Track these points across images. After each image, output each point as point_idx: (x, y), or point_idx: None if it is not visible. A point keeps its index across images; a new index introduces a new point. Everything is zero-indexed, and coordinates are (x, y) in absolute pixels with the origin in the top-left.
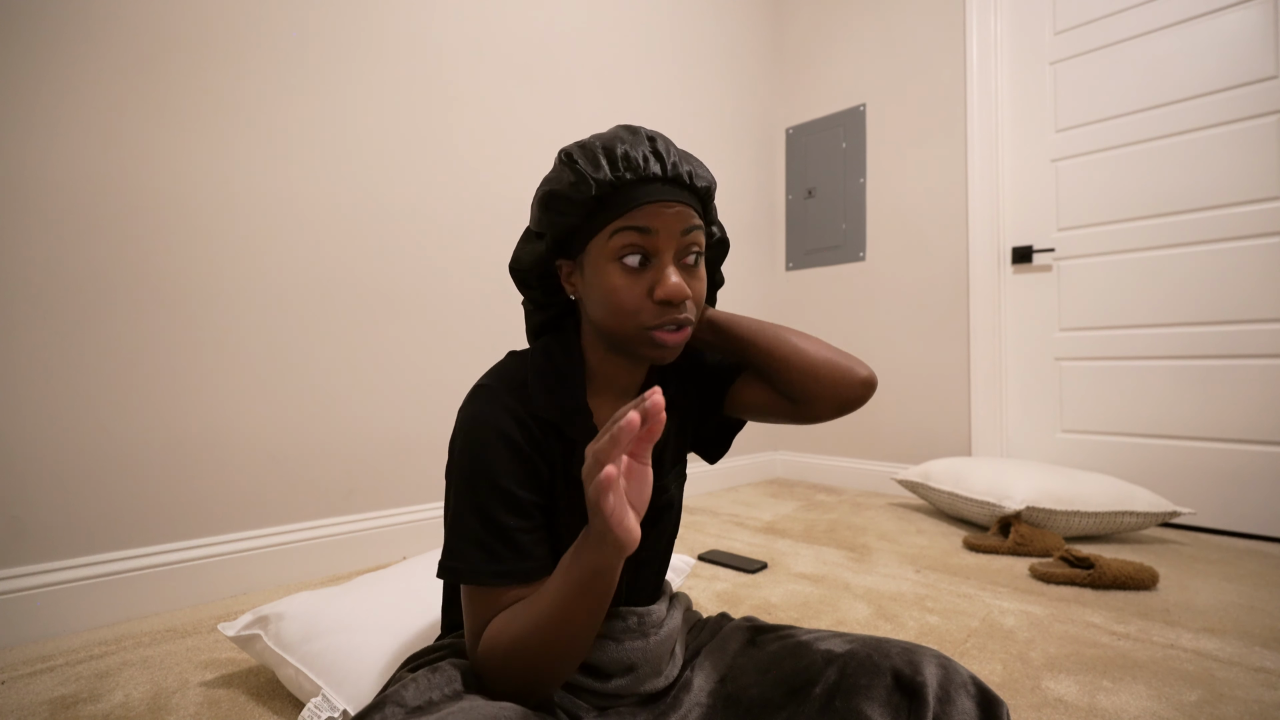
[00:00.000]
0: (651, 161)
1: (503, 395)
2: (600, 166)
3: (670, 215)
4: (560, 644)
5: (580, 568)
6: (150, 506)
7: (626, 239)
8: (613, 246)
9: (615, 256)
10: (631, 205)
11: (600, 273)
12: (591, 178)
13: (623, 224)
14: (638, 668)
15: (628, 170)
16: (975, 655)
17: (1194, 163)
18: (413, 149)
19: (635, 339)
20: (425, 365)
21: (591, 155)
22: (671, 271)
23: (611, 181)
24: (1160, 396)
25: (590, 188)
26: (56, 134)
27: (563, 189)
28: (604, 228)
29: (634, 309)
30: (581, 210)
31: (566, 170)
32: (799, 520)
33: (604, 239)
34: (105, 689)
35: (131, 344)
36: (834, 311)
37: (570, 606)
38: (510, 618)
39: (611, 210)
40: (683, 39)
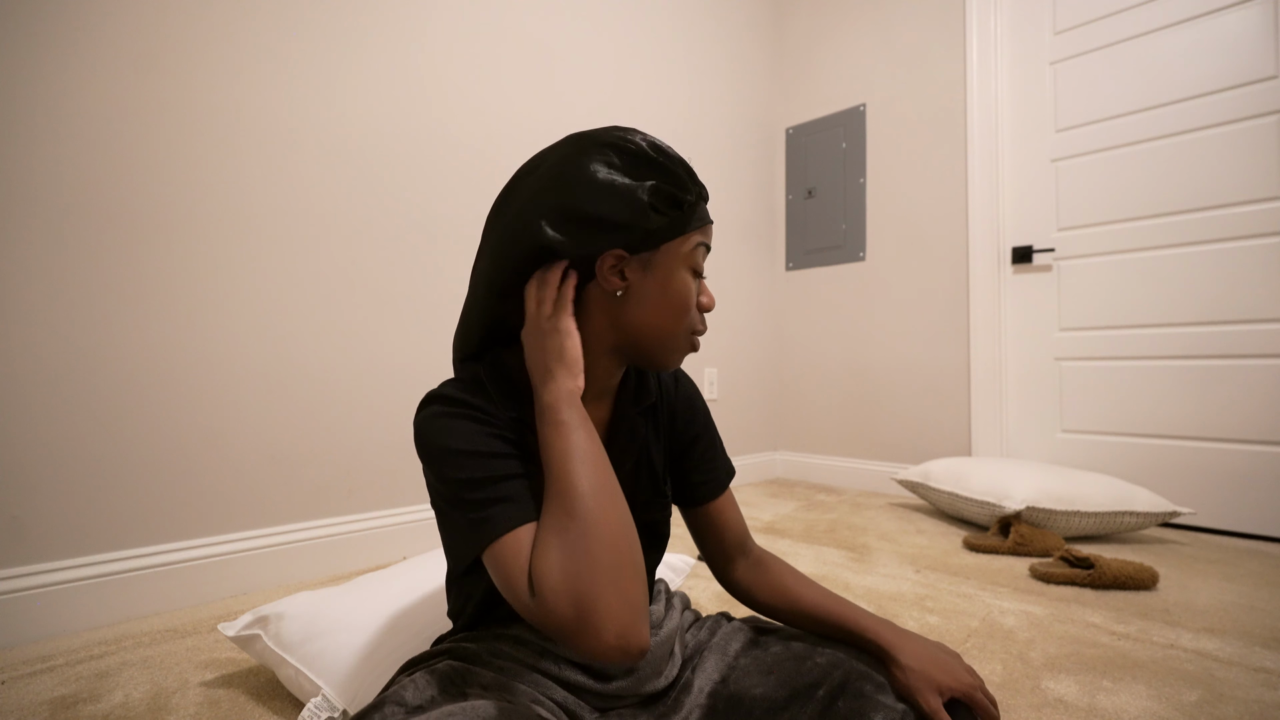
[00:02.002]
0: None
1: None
2: (685, 173)
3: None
4: (595, 513)
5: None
6: (150, 506)
7: (701, 252)
8: (688, 254)
9: (689, 264)
10: (702, 221)
11: (674, 274)
12: (689, 187)
13: (702, 239)
14: (638, 669)
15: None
16: (975, 655)
17: (1194, 163)
18: (410, 154)
19: (677, 342)
20: (425, 364)
21: (672, 159)
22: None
23: (697, 195)
24: (1160, 396)
25: (691, 197)
26: (50, 139)
27: (673, 189)
28: (684, 234)
29: (690, 308)
30: (675, 215)
31: (668, 169)
32: (799, 520)
33: (684, 246)
34: (105, 689)
35: (131, 344)
36: (834, 311)
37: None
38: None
39: (689, 221)
40: (683, 39)
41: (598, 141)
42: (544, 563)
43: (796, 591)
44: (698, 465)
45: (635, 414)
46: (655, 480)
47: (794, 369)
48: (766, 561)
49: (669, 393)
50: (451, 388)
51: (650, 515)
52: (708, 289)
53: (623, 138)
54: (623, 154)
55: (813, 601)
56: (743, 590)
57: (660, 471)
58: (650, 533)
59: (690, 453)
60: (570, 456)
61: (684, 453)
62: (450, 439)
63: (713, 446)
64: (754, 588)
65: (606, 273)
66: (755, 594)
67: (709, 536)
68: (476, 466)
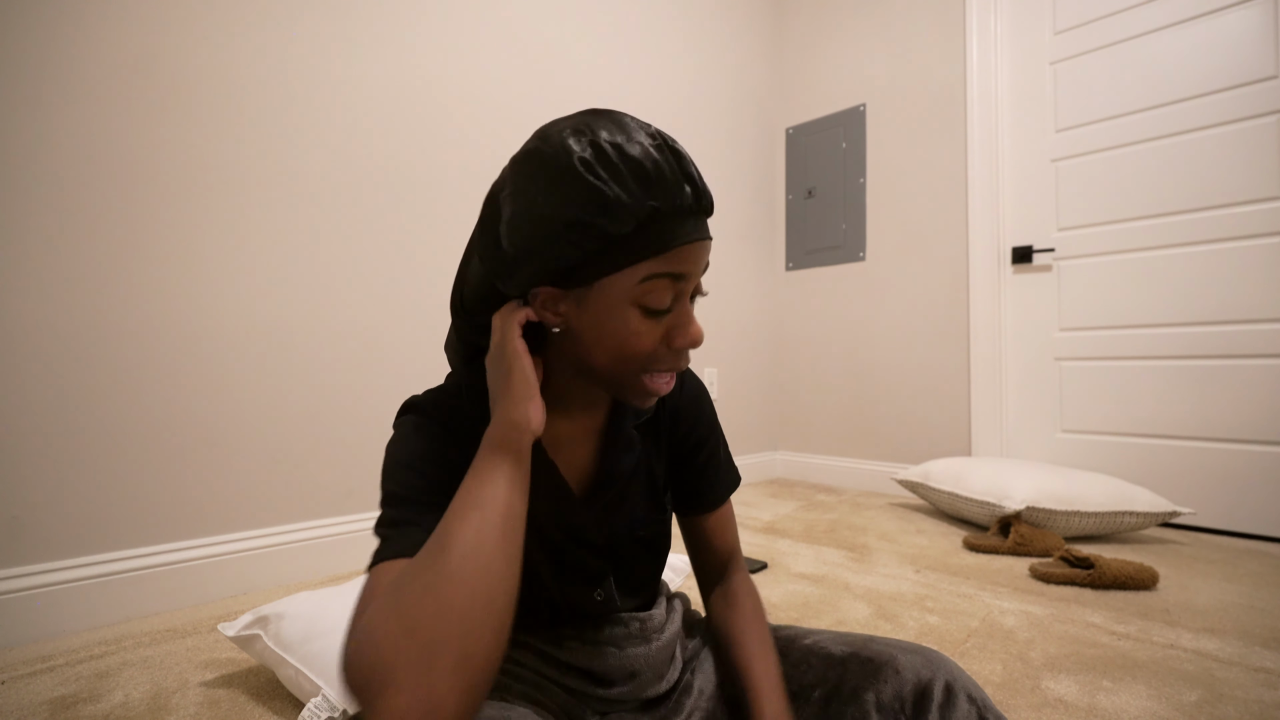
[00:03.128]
0: (687, 190)
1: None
2: (629, 189)
3: (702, 254)
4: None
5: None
6: (150, 506)
7: (660, 286)
8: (641, 291)
9: (639, 303)
10: (668, 246)
11: (615, 315)
12: (630, 209)
13: (659, 269)
14: (640, 674)
15: (663, 199)
16: (975, 655)
17: (1194, 163)
18: (415, 142)
19: (632, 384)
20: (425, 364)
21: (616, 170)
22: (692, 318)
23: (650, 214)
24: (1160, 396)
25: (629, 223)
26: (52, 112)
27: (591, 218)
28: (630, 266)
29: (648, 356)
30: (602, 247)
31: (594, 190)
32: (799, 520)
33: (631, 280)
34: (105, 689)
35: (131, 344)
36: (834, 312)
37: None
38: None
39: (642, 248)
40: (683, 39)
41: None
42: (364, 614)
43: (738, 650)
44: (697, 474)
45: (631, 426)
46: (654, 494)
47: (794, 369)
48: (736, 599)
49: (673, 395)
50: (431, 398)
51: (647, 531)
52: (693, 323)
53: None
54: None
55: (740, 664)
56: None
57: (660, 484)
58: (647, 547)
59: (691, 460)
60: (463, 507)
61: (686, 459)
62: (399, 449)
63: (714, 456)
64: (712, 619)
65: (539, 309)
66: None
67: (692, 549)
68: (404, 483)
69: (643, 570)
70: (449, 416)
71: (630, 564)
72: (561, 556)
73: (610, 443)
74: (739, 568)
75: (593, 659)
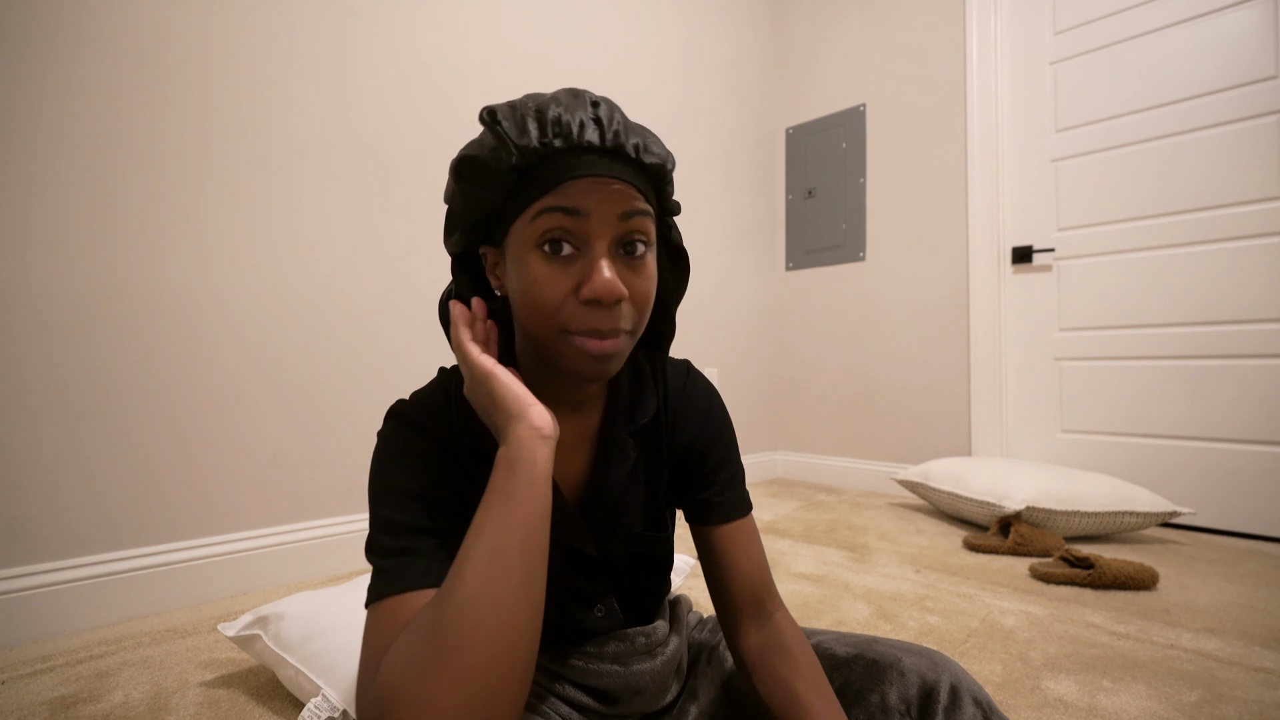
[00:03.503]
0: (589, 128)
1: (419, 419)
2: (527, 131)
3: (607, 194)
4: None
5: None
6: (150, 506)
7: (551, 221)
8: (535, 230)
9: (537, 242)
10: (560, 180)
11: (521, 261)
12: (514, 143)
13: (549, 203)
14: (645, 690)
15: (558, 136)
16: (975, 655)
17: (1194, 163)
18: (412, 152)
19: (556, 346)
20: (425, 364)
21: (519, 118)
22: (605, 265)
23: (537, 149)
24: (1160, 396)
25: (512, 155)
26: (56, 110)
27: (482, 155)
28: (527, 208)
29: (554, 305)
30: (502, 184)
31: (488, 133)
32: (799, 520)
33: (526, 221)
34: (105, 689)
35: (131, 344)
36: (834, 311)
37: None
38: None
39: (536, 186)
40: (683, 39)
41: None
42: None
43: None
44: (706, 481)
45: (625, 432)
46: (655, 508)
47: (794, 369)
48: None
49: (674, 396)
50: (415, 406)
51: (648, 548)
52: (601, 270)
53: (514, 100)
54: (485, 118)
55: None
56: (743, 665)
57: (661, 497)
58: (647, 564)
59: (699, 466)
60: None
61: (693, 465)
62: (387, 467)
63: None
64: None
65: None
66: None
67: (713, 576)
68: (397, 506)
69: (644, 588)
70: (438, 422)
71: (630, 581)
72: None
73: (603, 450)
74: (780, 606)
75: (597, 677)
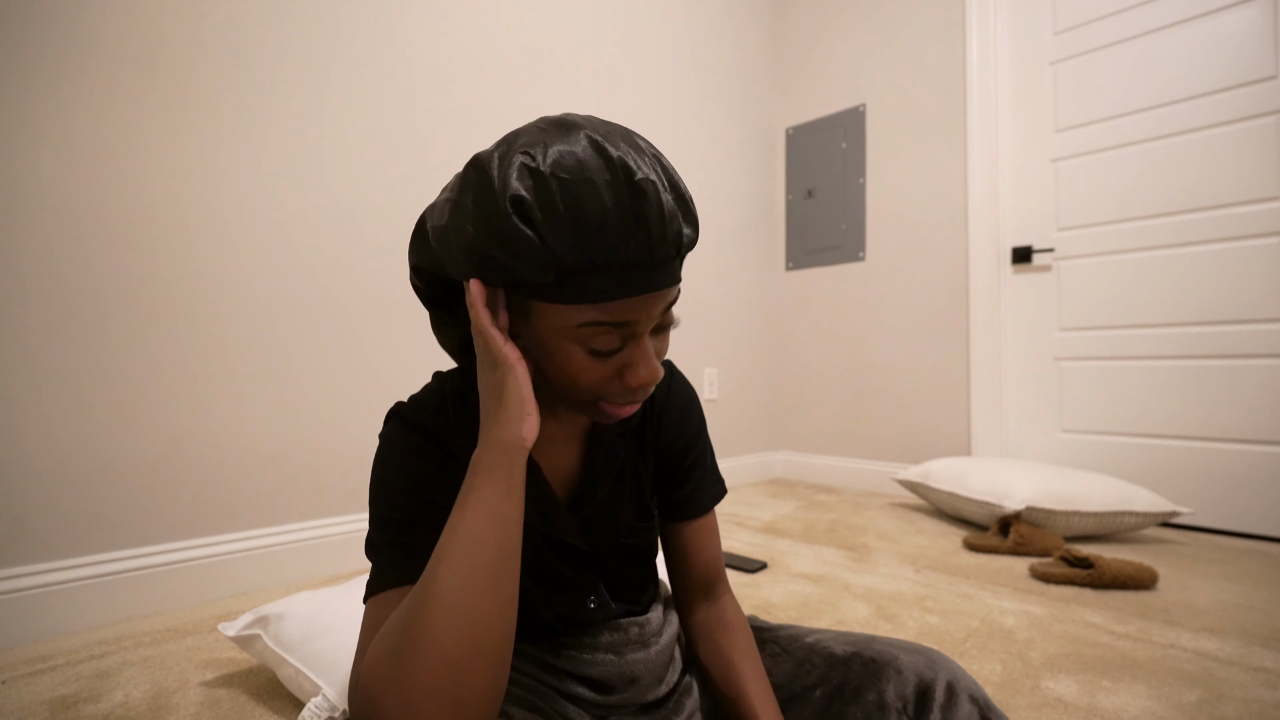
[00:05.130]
0: (637, 244)
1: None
2: (565, 240)
3: (653, 300)
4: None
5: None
6: (150, 506)
7: (601, 333)
8: (579, 334)
9: (580, 341)
10: (603, 299)
11: (559, 348)
12: (551, 260)
13: (596, 318)
14: (640, 679)
15: (603, 252)
16: (975, 655)
17: (1194, 163)
18: (408, 150)
19: (584, 405)
20: (424, 363)
21: (552, 214)
22: (648, 357)
23: (583, 264)
24: (1160, 396)
25: (549, 273)
26: (48, 142)
27: (507, 259)
28: (567, 303)
29: (598, 389)
30: (530, 279)
31: (519, 235)
32: (799, 520)
33: (566, 317)
34: (105, 689)
35: (131, 344)
36: (834, 311)
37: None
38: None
39: (579, 291)
40: (682, 39)
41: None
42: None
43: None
44: (680, 481)
45: (615, 433)
46: (641, 500)
47: (794, 369)
48: (729, 622)
49: (659, 399)
50: (413, 407)
51: (635, 540)
52: (647, 363)
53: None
54: (490, 205)
55: (740, 701)
56: (690, 637)
57: (647, 490)
58: (635, 555)
59: (676, 466)
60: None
61: (671, 465)
62: (383, 466)
63: (700, 463)
64: (701, 642)
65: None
66: (697, 649)
67: (674, 562)
68: (391, 503)
69: (633, 577)
70: (435, 422)
71: (620, 572)
72: (547, 567)
73: (594, 445)
74: (727, 589)
75: (592, 667)
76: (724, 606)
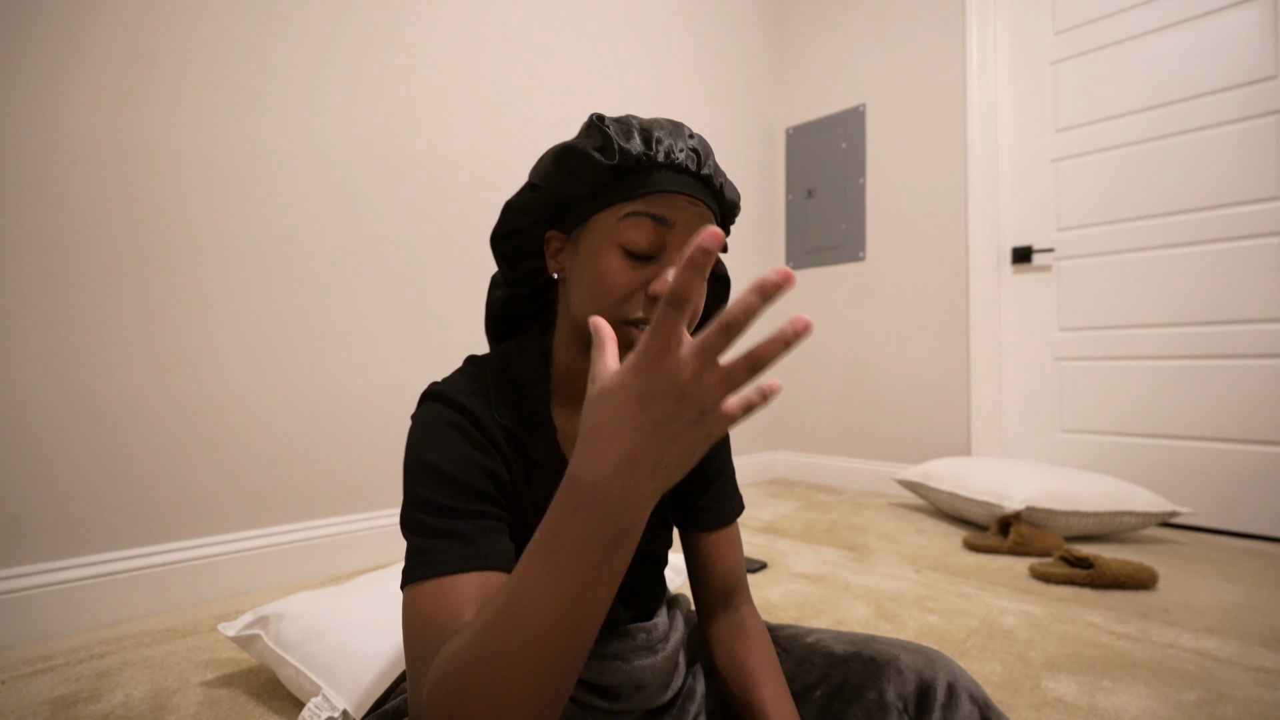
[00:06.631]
0: (686, 153)
1: (457, 398)
2: (632, 138)
3: (693, 213)
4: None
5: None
6: (150, 506)
7: (639, 225)
8: (621, 228)
9: (620, 240)
10: (654, 189)
11: (597, 252)
12: (619, 145)
13: (641, 208)
14: (646, 686)
15: (658, 151)
16: (975, 655)
17: (1194, 163)
18: (412, 162)
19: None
20: (425, 364)
21: (625, 127)
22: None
23: (639, 157)
24: (1160, 396)
25: (614, 155)
26: (54, 121)
27: (585, 148)
28: (616, 204)
29: (623, 296)
30: (596, 177)
31: (595, 132)
32: (799, 520)
33: (612, 217)
34: (105, 689)
35: (132, 344)
36: (834, 311)
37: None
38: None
39: (629, 188)
40: (682, 39)
41: (598, 114)
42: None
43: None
44: (701, 489)
45: None
46: (660, 507)
47: (794, 369)
48: (747, 631)
49: None
50: (453, 386)
51: (651, 546)
52: (668, 273)
53: (620, 115)
54: (594, 120)
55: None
56: (709, 646)
57: (667, 498)
58: (648, 561)
59: (699, 474)
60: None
61: (694, 473)
62: (429, 450)
63: (722, 473)
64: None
65: (550, 257)
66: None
67: (694, 570)
68: (444, 490)
69: (644, 584)
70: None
71: (632, 578)
72: None
73: None
74: (747, 599)
75: (599, 673)
76: (743, 616)
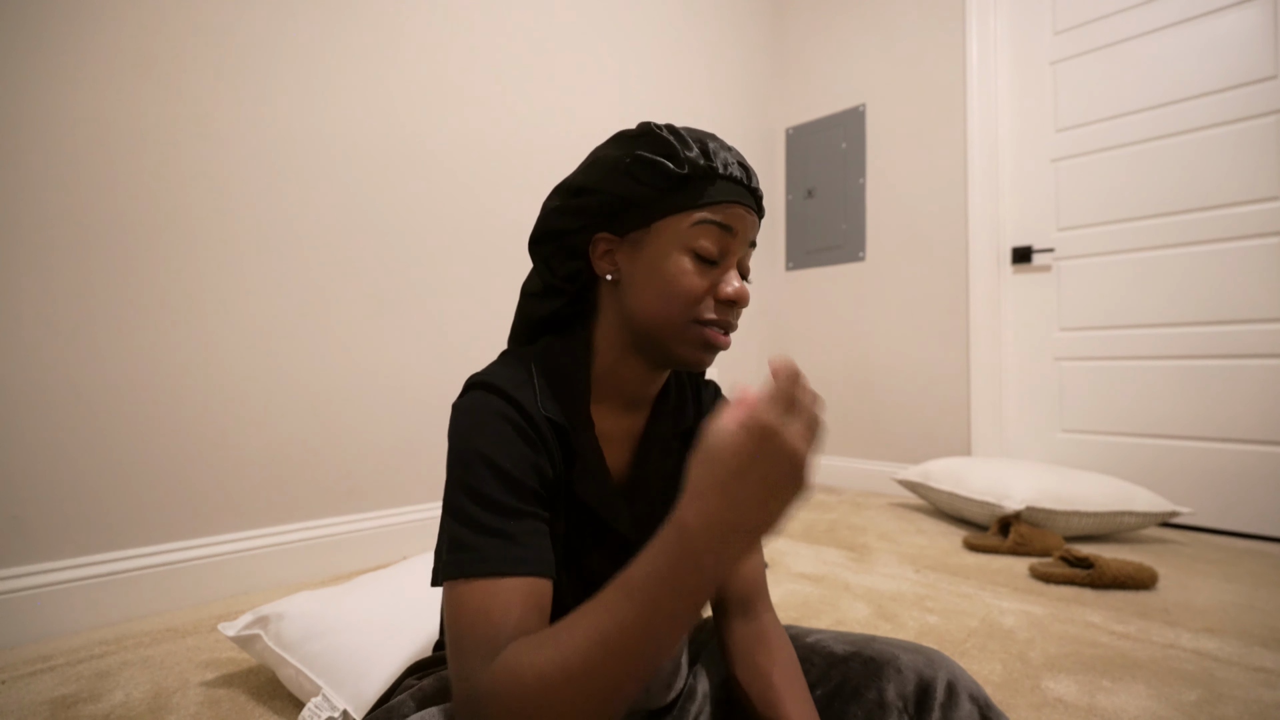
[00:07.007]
0: (739, 168)
1: (502, 389)
2: (691, 148)
3: (749, 222)
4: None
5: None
6: (150, 506)
7: (709, 232)
8: (692, 234)
9: (692, 245)
10: (719, 199)
11: (666, 256)
12: (687, 156)
13: (710, 216)
14: (649, 686)
15: (719, 163)
16: (975, 655)
17: (1194, 163)
18: (413, 158)
19: (682, 333)
20: (425, 364)
21: (682, 137)
22: (737, 274)
23: (706, 168)
24: (1160, 396)
25: (683, 164)
26: (53, 118)
27: (655, 156)
28: (684, 211)
29: (695, 299)
30: (663, 183)
31: (656, 140)
32: (799, 520)
33: (682, 224)
34: (105, 689)
35: (132, 344)
36: (834, 311)
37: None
38: (553, 638)
39: (696, 196)
40: (682, 40)
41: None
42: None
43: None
44: None
45: (670, 436)
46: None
47: None
48: (768, 639)
49: (708, 410)
50: (500, 376)
51: None
52: (736, 278)
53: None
54: (629, 135)
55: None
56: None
57: None
58: None
59: None
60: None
61: None
62: (481, 439)
63: None
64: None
65: (597, 258)
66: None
67: None
68: (498, 487)
69: None
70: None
71: None
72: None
73: (647, 446)
74: (768, 606)
75: None
76: (763, 624)
